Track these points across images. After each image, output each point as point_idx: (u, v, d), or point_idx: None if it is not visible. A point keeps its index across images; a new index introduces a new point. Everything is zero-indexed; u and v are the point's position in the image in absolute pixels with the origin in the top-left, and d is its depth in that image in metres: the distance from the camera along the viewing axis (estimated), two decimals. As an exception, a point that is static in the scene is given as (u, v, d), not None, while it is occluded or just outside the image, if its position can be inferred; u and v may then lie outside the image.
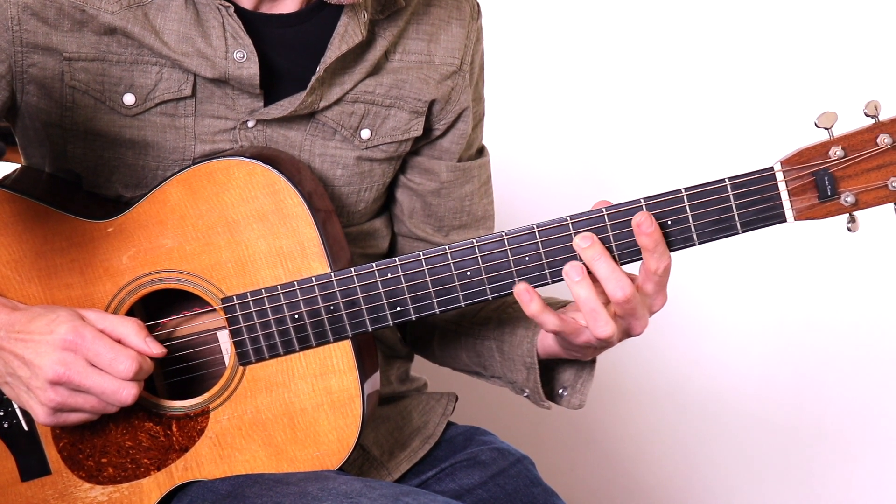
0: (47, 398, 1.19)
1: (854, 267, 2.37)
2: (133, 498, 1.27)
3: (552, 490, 1.43)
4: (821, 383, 2.43)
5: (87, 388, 1.19)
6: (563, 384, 1.36)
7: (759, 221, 1.19)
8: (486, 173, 1.49)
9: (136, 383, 1.20)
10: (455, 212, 1.45)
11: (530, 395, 1.36)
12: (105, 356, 1.19)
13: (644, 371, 2.42)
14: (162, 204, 1.24)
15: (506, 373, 1.38)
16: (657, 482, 2.48)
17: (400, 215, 1.46)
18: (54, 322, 1.19)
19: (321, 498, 1.17)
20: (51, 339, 1.18)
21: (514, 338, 1.36)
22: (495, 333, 1.39)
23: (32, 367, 1.19)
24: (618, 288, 1.18)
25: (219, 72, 1.26)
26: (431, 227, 1.45)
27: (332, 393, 1.25)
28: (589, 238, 1.18)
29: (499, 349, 1.38)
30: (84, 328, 1.19)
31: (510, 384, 1.39)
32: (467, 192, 1.45)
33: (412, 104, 1.36)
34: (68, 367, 1.18)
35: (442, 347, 1.48)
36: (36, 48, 1.25)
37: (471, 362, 1.45)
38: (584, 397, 1.34)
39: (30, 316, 1.21)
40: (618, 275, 1.18)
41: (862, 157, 1.17)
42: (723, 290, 2.41)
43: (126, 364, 1.19)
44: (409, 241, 1.46)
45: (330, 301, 1.23)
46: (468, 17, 1.40)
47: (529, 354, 1.33)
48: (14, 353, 1.20)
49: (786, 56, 2.33)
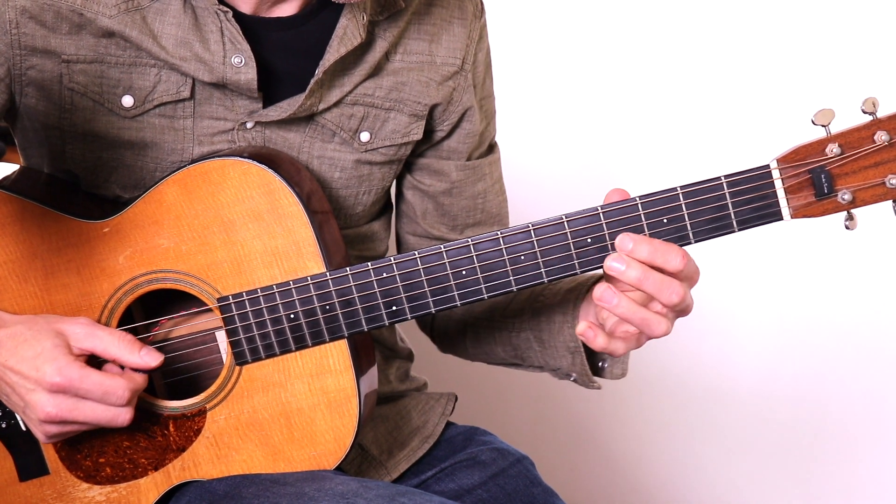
0: (43, 430, 1.21)
1: (853, 265, 2.37)
2: (131, 498, 1.27)
3: (552, 490, 1.43)
4: (820, 382, 2.43)
5: (81, 421, 1.20)
6: (602, 357, 1.35)
7: (755, 219, 1.19)
8: (498, 170, 1.48)
9: (129, 408, 1.21)
10: (469, 210, 1.45)
11: (577, 378, 1.36)
12: (96, 393, 1.19)
13: (644, 371, 2.42)
14: (158, 204, 1.24)
15: (548, 361, 1.38)
16: (657, 482, 2.47)
17: (413, 216, 1.46)
18: (40, 357, 1.19)
19: (318, 498, 1.17)
20: (38, 378, 1.18)
21: (552, 325, 1.35)
22: (531, 324, 1.38)
23: (25, 401, 1.20)
24: (672, 294, 1.18)
25: (216, 76, 1.26)
26: (446, 226, 1.45)
27: (328, 393, 1.25)
28: (624, 261, 1.17)
29: (537, 339, 1.38)
30: (69, 367, 1.18)
31: (553, 371, 1.39)
32: (480, 190, 1.45)
33: (412, 107, 1.36)
34: (59, 407, 1.19)
35: (475, 344, 1.47)
36: (34, 51, 1.26)
37: (507, 355, 1.44)
38: (625, 366, 1.33)
39: (15, 339, 1.20)
40: (667, 284, 1.17)
41: (859, 155, 1.17)
42: (722, 290, 2.40)
43: (118, 394, 1.20)
44: (425, 241, 1.46)
45: (325, 301, 1.23)
46: (470, 16, 1.40)
47: (573, 339, 1.32)
48: (6, 381, 1.20)
49: (782, 53, 2.33)
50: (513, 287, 1.22)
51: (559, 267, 1.21)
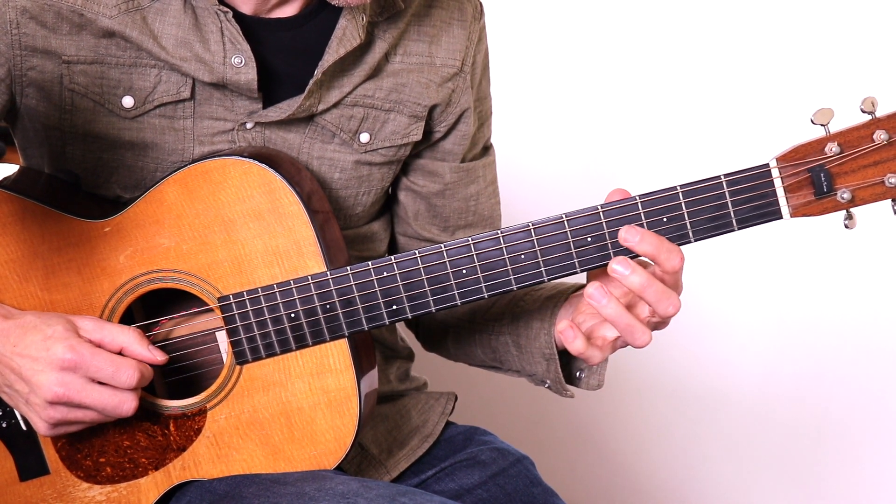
0: (47, 415, 1.20)
1: (853, 264, 2.37)
2: (131, 497, 1.27)
3: (552, 490, 1.43)
4: (820, 382, 2.43)
5: (87, 405, 1.20)
6: (579, 367, 1.35)
7: (754, 218, 1.19)
8: (492, 173, 1.48)
9: (135, 395, 1.21)
10: (460, 212, 1.45)
11: (552, 386, 1.36)
12: (106, 370, 1.19)
13: (644, 371, 2.42)
14: (158, 203, 1.25)
15: (524, 366, 1.38)
16: (657, 482, 2.47)
17: (404, 217, 1.46)
18: (50, 339, 1.19)
19: (318, 498, 1.17)
20: (48, 357, 1.18)
21: (529, 331, 1.35)
22: (510, 328, 1.39)
23: (31, 385, 1.19)
24: (670, 306, 1.18)
25: (216, 77, 1.26)
26: (437, 227, 1.45)
27: (328, 392, 1.25)
28: (630, 266, 1.17)
29: (515, 343, 1.38)
30: (81, 345, 1.19)
31: (529, 376, 1.39)
32: (472, 193, 1.45)
33: (412, 108, 1.36)
34: (67, 387, 1.18)
35: (456, 345, 1.48)
36: (35, 51, 1.26)
37: (486, 358, 1.44)
38: (601, 377, 1.34)
39: (24, 327, 1.20)
40: (667, 295, 1.18)
41: (858, 154, 1.17)
42: (722, 289, 2.41)
43: (129, 374, 1.20)
44: (415, 241, 1.46)
45: (326, 300, 1.23)
46: (470, 17, 1.40)
47: (548, 346, 1.33)
48: (11, 367, 1.20)
49: (782, 53, 2.33)
50: (513, 286, 1.22)
51: (559, 266, 1.21)
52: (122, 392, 1.20)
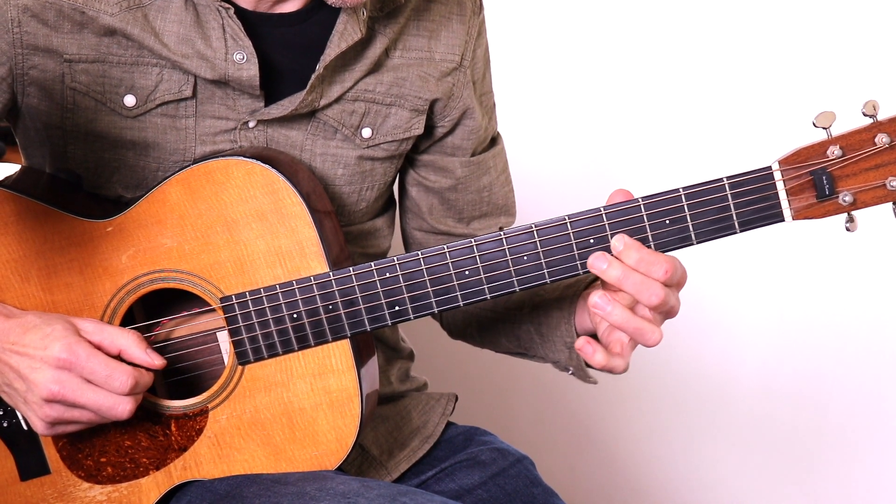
0: (44, 413, 1.20)
1: (854, 266, 2.37)
2: (132, 497, 1.28)
3: (552, 490, 1.43)
4: (820, 382, 2.43)
5: (82, 405, 1.20)
6: None
7: (757, 221, 1.19)
8: (503, 162, 1.49)
9: (132, 398, 1.21)
10: (475, 203, 1.45)
11: (575, 373, 1.36)
12: (100, 373, 1.19)
13: (644, 371, 2.42)
14: (161, 203, 1.25)
15: (548, 353, 1.38)
16: (657, 482, 2.48)
17: (419, 213, 1.46)
18: (49, 337, 1.19)
19: (319, 498, 1.17)
20: (45, 355, 1.18)
21: (550, 319, 1.36)
22: (531, 317, 1.39)
23: (28, 382, 1.19)
24: (652, 296, 1.18)
25: (218, 73, 1.26)
26: (452, 219, 1.46)
27: (330, 392, 1.25)
28: (606, 260, 1.18)
29: (537, 332, 1.38)
30: (78, 345, 1.19)
31: (554, 363, 1.40)
32: (485, 184, 1.45)
33: (413, 102, 1.36)
34: (63, 385, 1.18)
35: (482, 334, 1.48)
36: (36, 50, 1.26)
37: (511, 345, 1.45)
38: None
39: (24, 326, 1.21)
40: (647, 285, 1.18)
41: (860, 157, 1.17)
42: (722, 290, 2.41)
43: (122, 380, 1.19)
44: (432, 236, 1.46)
45: (328, 301, 1.23)
46: (469, 12, 1.40)
47: (569, 334, 1.33)
48: (9, 365, 1.20)
49: (784, 56, 2.33)
50: (515, 287, 1.22)
51: (562, 267, 1.21)
52: (117, 395, 1.20)
